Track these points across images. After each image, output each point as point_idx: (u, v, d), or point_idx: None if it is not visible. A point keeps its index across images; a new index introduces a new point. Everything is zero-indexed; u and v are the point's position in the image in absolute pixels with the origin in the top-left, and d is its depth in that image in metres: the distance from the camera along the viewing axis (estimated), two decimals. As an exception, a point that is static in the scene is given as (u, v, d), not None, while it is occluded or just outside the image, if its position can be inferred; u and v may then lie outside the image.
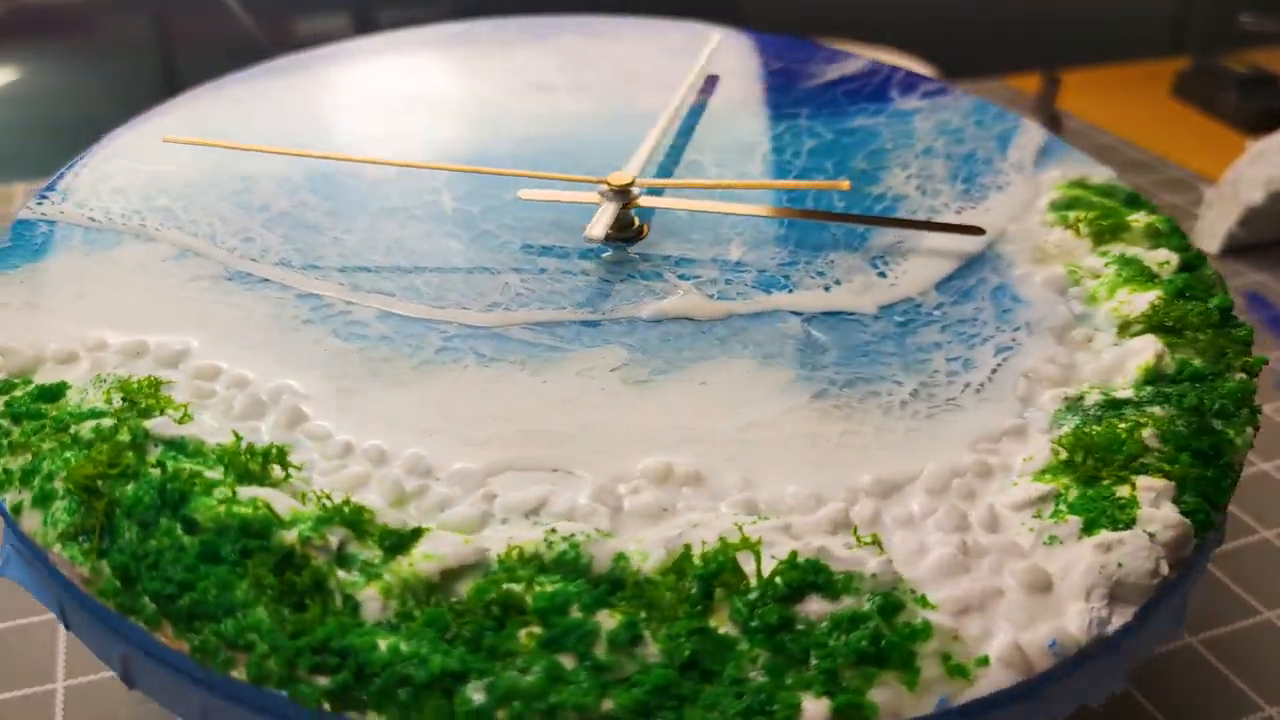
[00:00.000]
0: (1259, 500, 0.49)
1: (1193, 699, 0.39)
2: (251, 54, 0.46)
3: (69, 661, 0.40)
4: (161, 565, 0.27)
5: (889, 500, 0.31)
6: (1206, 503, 0.31)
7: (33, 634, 0.42)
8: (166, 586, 0.27)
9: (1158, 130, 0.65)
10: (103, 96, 0.36)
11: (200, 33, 0.80)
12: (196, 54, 0.78)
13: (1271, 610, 0.44)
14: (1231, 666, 0.41)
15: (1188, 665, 0.41)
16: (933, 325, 0.37)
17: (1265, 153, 0.64)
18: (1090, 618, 0.28)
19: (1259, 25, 0.92)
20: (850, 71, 0.52)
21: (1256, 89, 0.82)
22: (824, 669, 0.26)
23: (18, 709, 0.39)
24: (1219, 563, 0.45)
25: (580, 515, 0.30)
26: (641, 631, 0.26)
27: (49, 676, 0.40)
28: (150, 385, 0.32)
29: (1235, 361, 0.35)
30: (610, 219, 0.39)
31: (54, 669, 0.40)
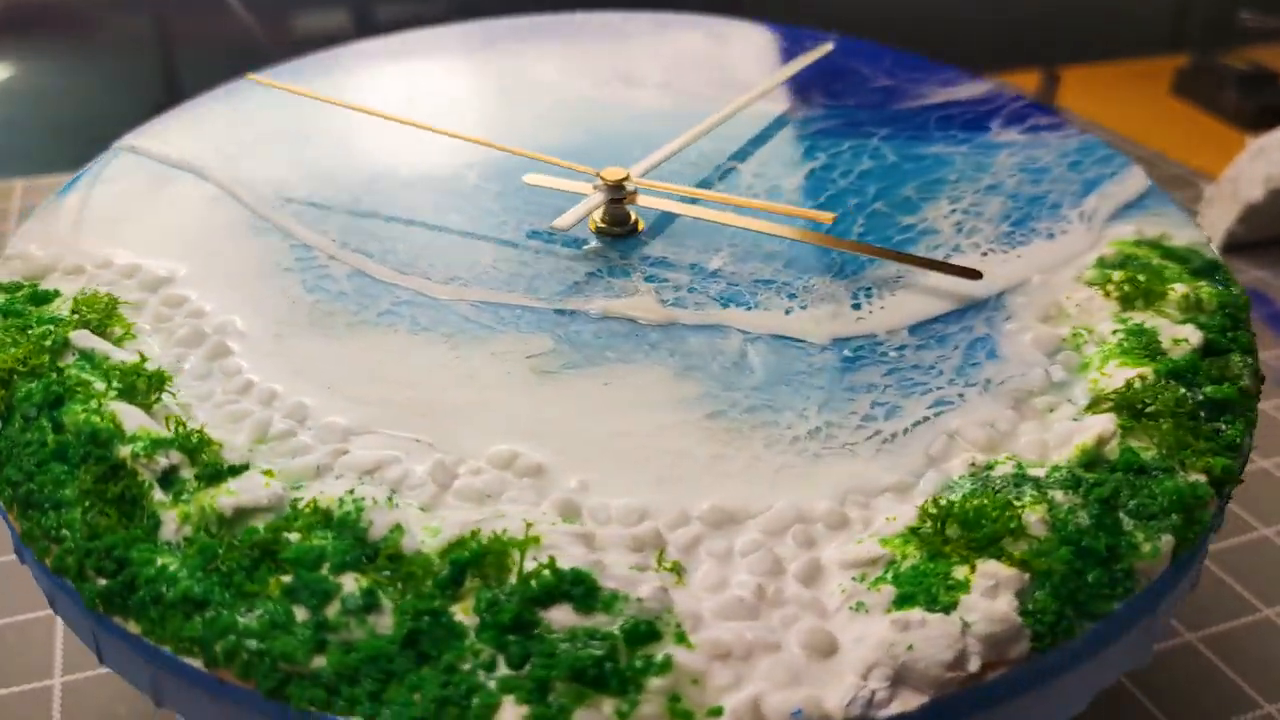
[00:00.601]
0: (1258, 497, 0.49)
1: (1191, 695, 0.40)
2: (251, 52, 0.49)
3: (66, 657, 0.41)
4: (23, 456, 0.30)
5: (718, 531, 0.30)
6: (1070, 608, 0.27)
7: (30, 630, 0.42)
8: (17, 474, 0.30)
9: (1157, 127, 0.61)
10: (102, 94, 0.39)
11: (200, 30, 0.81)
12: (196, 51, 0.79)
13: (1270, 607, 0.44)
14: (1230, 663, 0.41)
15: (1186, 662, 0.41)
16: (880, 366, 0.35)
17: (1265, 150, 0.63)
18: (856, 695, 0.26)
19: (1259, 22, 0.90)
20: (962, 96, 0.49)
21: (1256, 86, 0.81)
22: (537, 677, 0.26)
23: (15, 705, 0.39)
24: (1218, 559, 0.45)
25: (408, 485, 0.30)
26: (380, 601, 0.27)
27: (47, 672, 0.40)
28: (109, 303, 0.36)
29: (1195, 461, 0.31)
30: (586, 212, 0.39)
31: (52, 665, 0.40)
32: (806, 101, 0.49)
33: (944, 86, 0.50)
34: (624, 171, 0.40)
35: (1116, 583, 0.28)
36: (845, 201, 0.42)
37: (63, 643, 0.41)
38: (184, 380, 0.34)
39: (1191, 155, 0.65)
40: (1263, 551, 0.46)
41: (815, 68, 0.51)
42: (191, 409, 0.33)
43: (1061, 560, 0.28)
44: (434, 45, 0.55)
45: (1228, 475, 0.31)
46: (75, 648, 0.41)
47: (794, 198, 0.42)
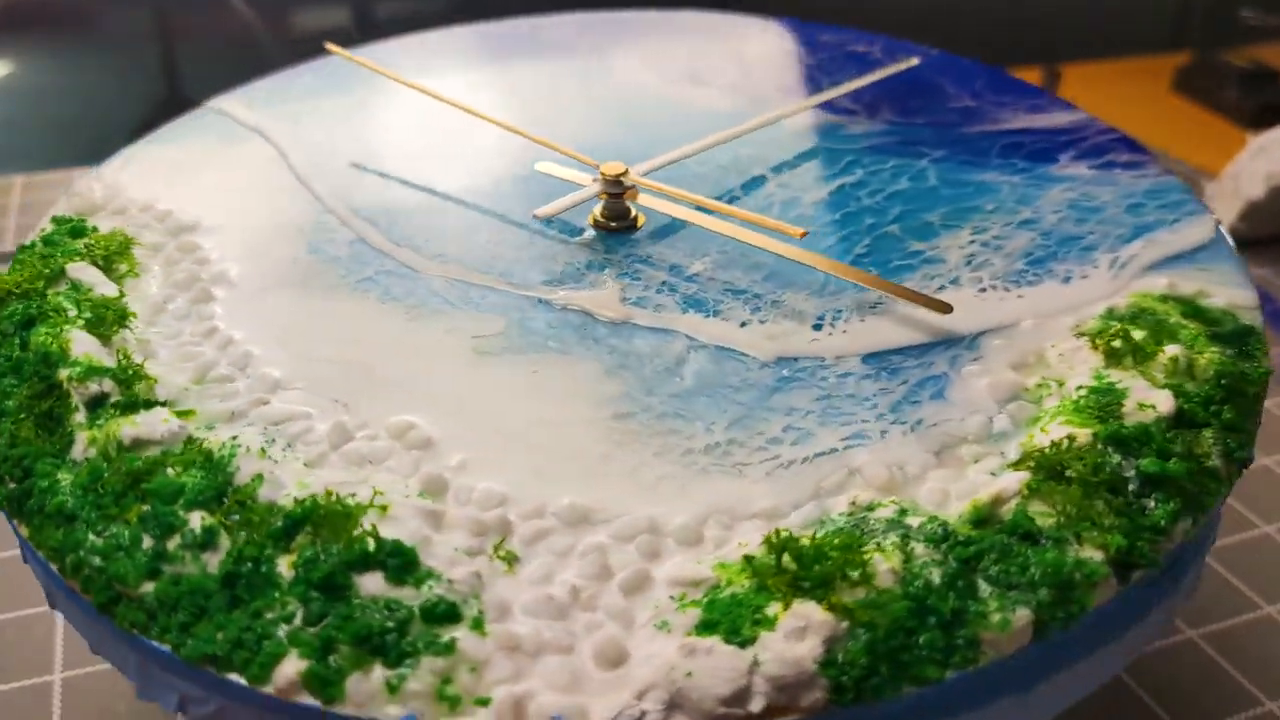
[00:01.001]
0: (1259, 495, 0.49)
1: (1192, 693, 0.40)
2: (252, 47, 0.50)
3: (67, 654, 0.41)
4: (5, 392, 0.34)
5: (569, 529, 0.29)
6: (886, 666, 0.26)
7: (31, 626, 0.42)
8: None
9: (1158, 125, 0.57)
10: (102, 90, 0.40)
11: (200, 26, 0.80)
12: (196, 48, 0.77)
13: (1272, 605, 0.43)
14: (1231, 660, 0.41)
15: (1187, 659, 0.41)
16: (813, 391, 0.33)
17: (1266, 148, 0.64)
18: (622, 712, 0.25)
19: (1260, 20, 0.89)
20: (1042, 124, 0.46)
21: (1257, 84, 0.81)
22: (325, 636, 0.26)
23: (16, 700, 0.39)
24: (1219, 556, 0.45)
25: (305, 441, 0.32)
26: (217, 540, 0.28)
27: (47, 668, 0.40)
28: (124, 242, 0.39)
29: (1093, 536, 0.28)
30: (573, 203, 0.40)
31: (52, 661, 0.40)
32: (872, 115, 0.47)
33: (1030, 112, 0.46)
34: (622, 167, 0.40)
35: (954, 650, 0.26)
36: (861, 221, 0.40)
37: (63, 639, 0.41)
38: (164, 319, 0.37)
39: (1192, 153, 0.65)
40: (1264, 549, 0.46)
41: (897, 81, 0.49)
42: (152, 345, 0.35)
43: (891, 615, 0.26)
44: (512, 35, 0.56)
45: (1134, 558, 0.28)
46: (76, 644, 0.40)
47: (808, 211, 0.41)
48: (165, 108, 0.48)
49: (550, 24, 0.57)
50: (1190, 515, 0.29)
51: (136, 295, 0.37)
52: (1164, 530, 0.28)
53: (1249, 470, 0.41)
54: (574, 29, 0.56)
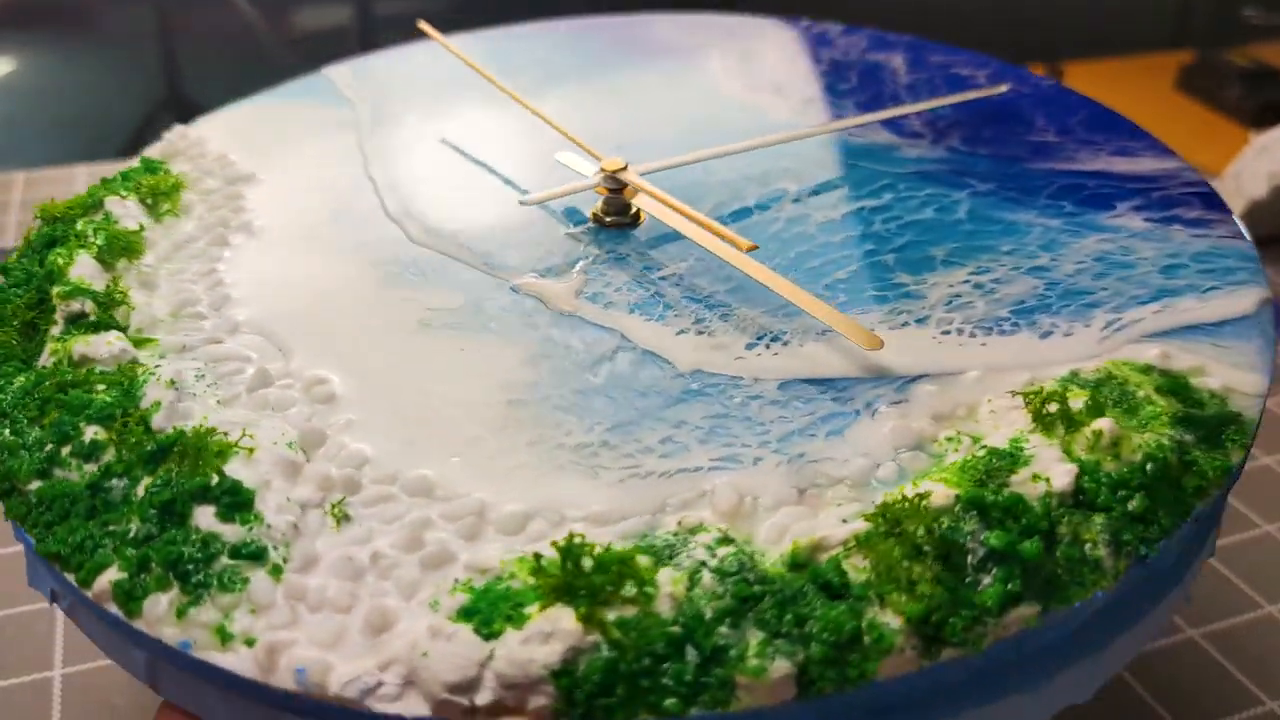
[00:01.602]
0: (1261, 494, 0.48)
1: (1194, 692, 0.40)
2: (253, 45, 0.51)
3: (67, 650, 0.41)
4: (11, 276, 0.38)
5: (409, 499, 0.30)
6: (624, 688, 0.25)
7: (31, 622, 0.42)
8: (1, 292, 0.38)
9: (1161, 123, 0.49)
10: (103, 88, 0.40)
11: (201, 24, 0.77)
12: (197, 45, 0.74)
13: (1273, 604, 0.43)
14: (1233, 660, 0.41)
15: (1189, 658, 0.41)
16: (712, 408, 0.33)
17: (1269, 147, 0.64)
18: (359, 678, 0.26)
19: (1263, 19, 0.89)
20: (1120, 169, 0.42)
21: (1260, 83, 0.81)
22: (143, 555, 0.29)
23: (16, 697, 0.39)
24: (1221, 556, 0.45)
25: (231, 381, 0.34)
26: (100, 454, 0.31)
27: (47, 664, 0.40)
28: (175, 184, 0.43)
29: (898, 600, 0.26)
30: (562, 193, 0.40)
31: (52, 657, 0.40)
32: (938, 140, 0.44)
33: (1114, 155, 0.43)
34: (621, 163, 0.40)
35: (702, 687, 0.25)
36: (858, 246, 0.39)
37: (63, 635, 0.41)
38: (179, 256, 0.40)
39: (1195, 151, 0.58)
40: (1265, 548, 0.46)
41: (984, 108, 0.46)
42: (156, 277, 0.39)
43: (647, 639, 0.25)
44: (603, 31, 0.56)
45: (945, 633, 0.26)
46: (76, 640, 0.41)
47: (809, 230, 0.39)
48: (165, 106, 0.51)
49: (645, 21, 0.57)
50: (1040, 602, 0.26)
51: (168, 232, 0.41)
52: (990, 611, 0.26)
53: (1250, 469, 0.45)
54: (673, 29, 0.56)
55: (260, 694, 0.27)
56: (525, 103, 0.45)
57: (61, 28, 0.78)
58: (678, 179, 0.41)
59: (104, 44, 0.70)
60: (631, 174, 0.40)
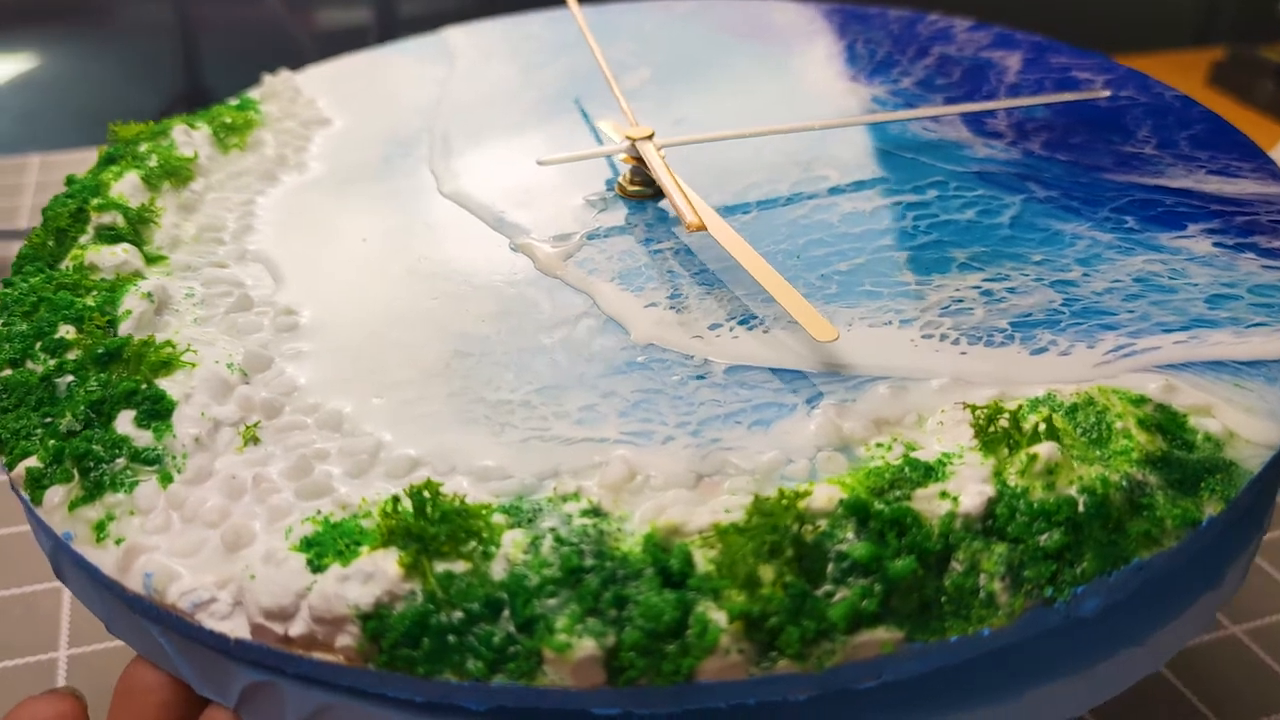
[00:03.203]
0: None
1: (1234, 688, 0.39)
2: (272, 40, 0.50)
3: (73, 630, 0.40)
4: (70, 184, 0.41)
5: (318, 430, 0.30)
6: (418, 631, 0.24)
7: (37, 602, 0.41)
8: (58, 199, 0.40)
9: None
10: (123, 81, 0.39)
11: (221, 17, 0.71)
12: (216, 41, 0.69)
13: None
14: (1275, 656, 0.40)
15: (1231, 655, 0.40)
16: (649, 382, 0.31)
17: None
18: (195, 592, 0.26)
19: None
20: (1208, 190, 0.37)
21: None
22: (58, 448, 0.30)
23: (21, 676, 0.39)
24: (1264, 553, 0.44)
25: (218, 307, 0.36)
26: (64, 351, 0.33)
27: (52, 645, 0.40)
28: (247, 122, 0.45)
29: (729, 600, 0.24)
30: (578, 157, 0.39)
31: (58, 637, 0.40)
32: (1018, 141, 0.41)
33: (1212, 174, 0.38)
34: (647, 131, 0.39)
35: (508, 656, 0.24)
36: (874, 240, 0.36)
37: (69, 615, 0.41)
38: (229, 186, 0.42)
39: None
40: None
41: (1088, 112, 0.42)
42: (200, 203, 0.40)
43: (463, 596, 0.24)
44: (713, 12, 0.55)
45: (781, 642, 0.23)
46: (82, 620, 0.41)
47: (831, 219, 0.37)
48: (183, 100, 0.52)
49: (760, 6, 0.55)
50: (902, 628, 0.24)
51: (229, 164, 0.43)
52: (838, 627, 0.23)
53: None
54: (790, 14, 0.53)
55: (117, 593, 0.27)
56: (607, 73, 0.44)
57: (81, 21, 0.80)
58: (719, 158, 0.40)
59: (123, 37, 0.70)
60: (649, 145, 0.38)
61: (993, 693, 0.26)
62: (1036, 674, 0.26)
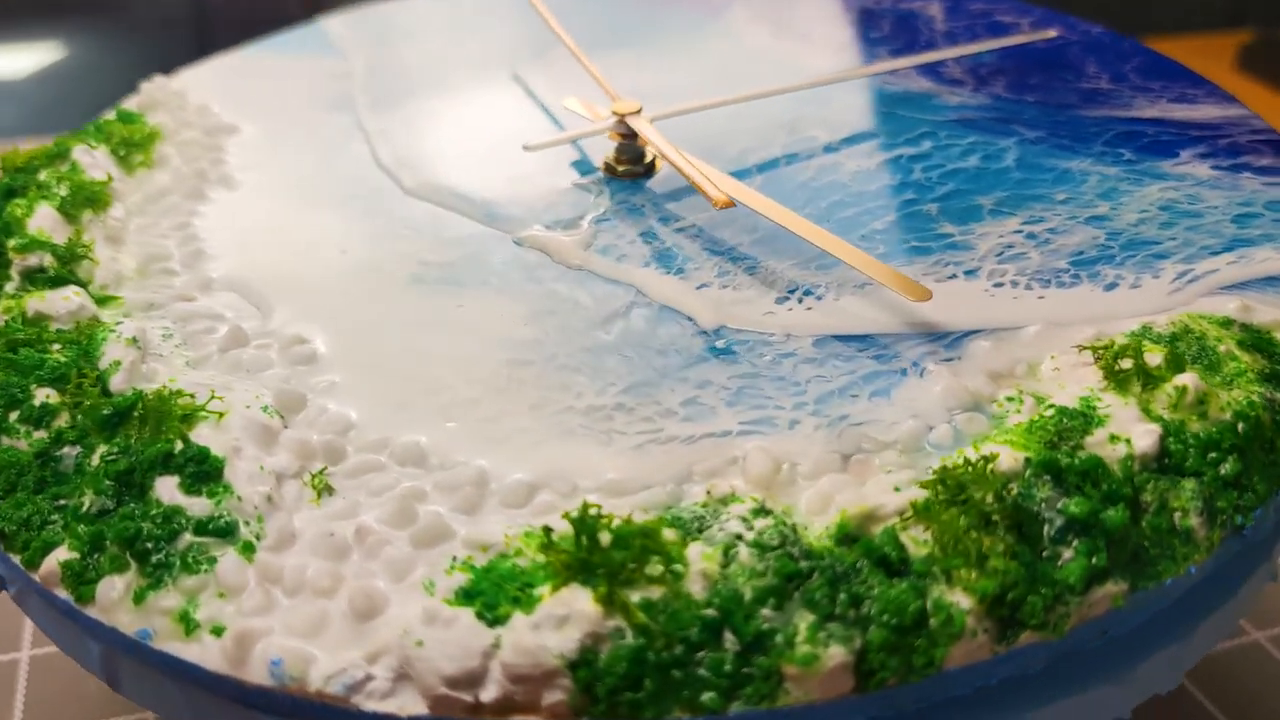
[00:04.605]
0: None
1: (1257, 697, 0.36)
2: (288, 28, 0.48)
3: (35, 631, 0.38)
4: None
5: (399, 468, 0.27)
6: (653, 680, 0.22)
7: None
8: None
9: None
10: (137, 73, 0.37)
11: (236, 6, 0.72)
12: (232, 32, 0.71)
13: None
14: None
15: (1252, 662, 0.37)
16: (738, 367, 0.29)
17: None
18: (345, 672, 0.22)
19: None
20: (1180, 116, 0.38)
21: None
22: (96, 532, 0.25)
23: None
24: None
25: (202, 341, 0.31)
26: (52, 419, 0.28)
27: (14, 645, 0.38)
28: (150, 134, 0.39)
29: (966, 576, 0.22)
30: (566, 139, 0.37)
31: (20, 638, 0.38)
32: (980, 87, 0.41)
33: (1174, 102, 0.39)
34: (635, 105, 0.36)
35: (745, 680, 0.21)
36: (898, 194, 0.35)
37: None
38: (153, 209, 0.37)
39: None
40: None
41: (1030, 55, 0.42)
42: (125, 231, 0.35)
43: (677, 623, 0.22)
44: None
45: (1023, 614, 0.22)
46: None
47: (843, 178, 0.36)
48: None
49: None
50: (1126, 579, 0.23)
51: (140, 185, 0.37)
52: (1074, 589, 0.22)
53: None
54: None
55: (230, 690, 0.23)
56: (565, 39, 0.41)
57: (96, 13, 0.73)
58: (702, 127, 0.38)
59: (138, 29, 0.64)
60: (644, 119, 0.36)
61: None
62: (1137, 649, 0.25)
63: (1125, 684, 0.25)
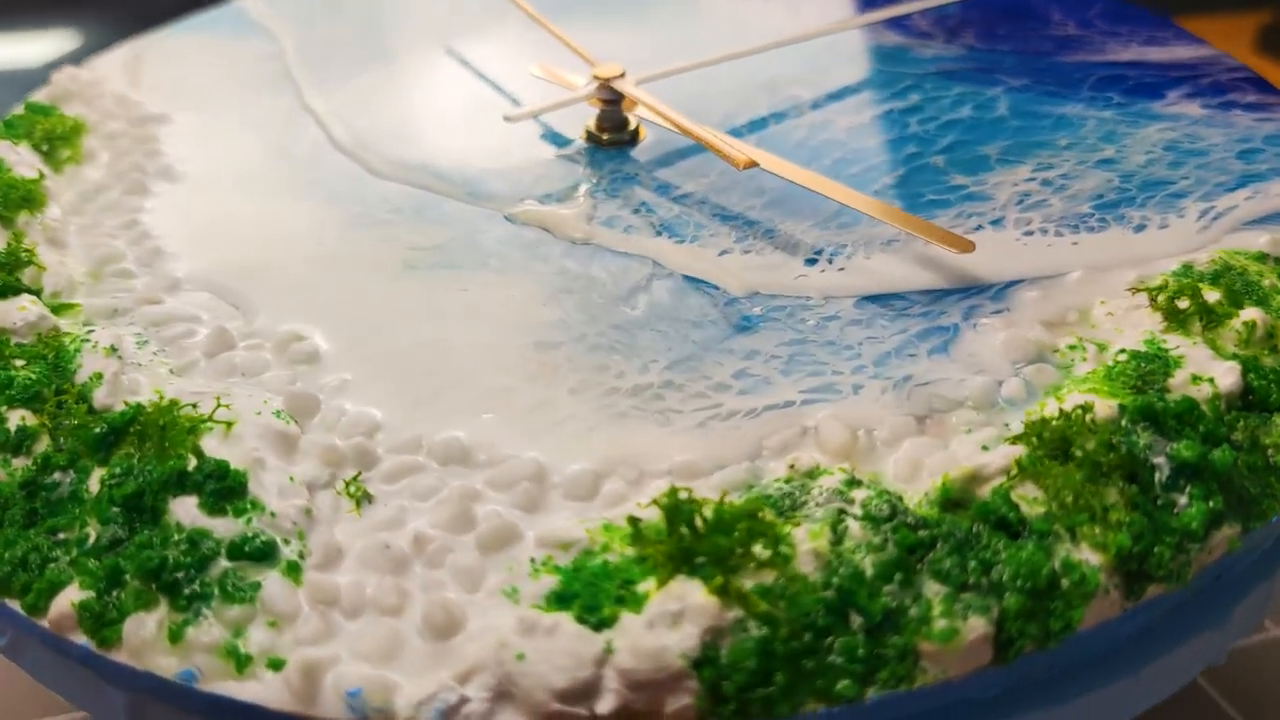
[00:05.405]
0: None
1: (1276, 695, 0.34)
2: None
3: None
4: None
5: (441, 468, 0.24)
6: (784, 674, 0.20)
7: None
8: None
9: None
10: None
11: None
12: None
13: None
14: None
15: (1274, 659, 0.35)
16: (784, 334, 0.27)
17: None
18: (436, 696, 0.20)
19: None
20: (1156, 58, 0.38)
21: None
22: (112, 565, 0.22)
23: None
24: None
25: (177, 345, 0.28)
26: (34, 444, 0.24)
27: None
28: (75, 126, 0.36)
29: (1093, 533, 0.21)
30: (547, 108, 0.34)
31: None
32: (951, 39, 0.40)
33: (1145, 44, 0.39)
34: (618, 69, 0.34)
35: (880, 662, 0.20)
36: (899, 149, 0.34)
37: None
38: (90, 208, 0.33)
39: None
40: None
41: (993, 5, 0.42)
42: (64, 232, 0.32)
43: (801, 608, 0.20)
44: None
45: (1149, 567, 0.21)
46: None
47: (839, 136, 0.35)
48: None
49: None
50: (1239, 521, 0.22)
51: (71, 182, 0.34)
52: (1195, 535, 0.21)
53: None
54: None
55: (296, 729, 0.20)
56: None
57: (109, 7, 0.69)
58: (675, 92, 0.36)
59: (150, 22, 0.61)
60: (629, 82, 0.34)
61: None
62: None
63: (1224, 628, 0.24)
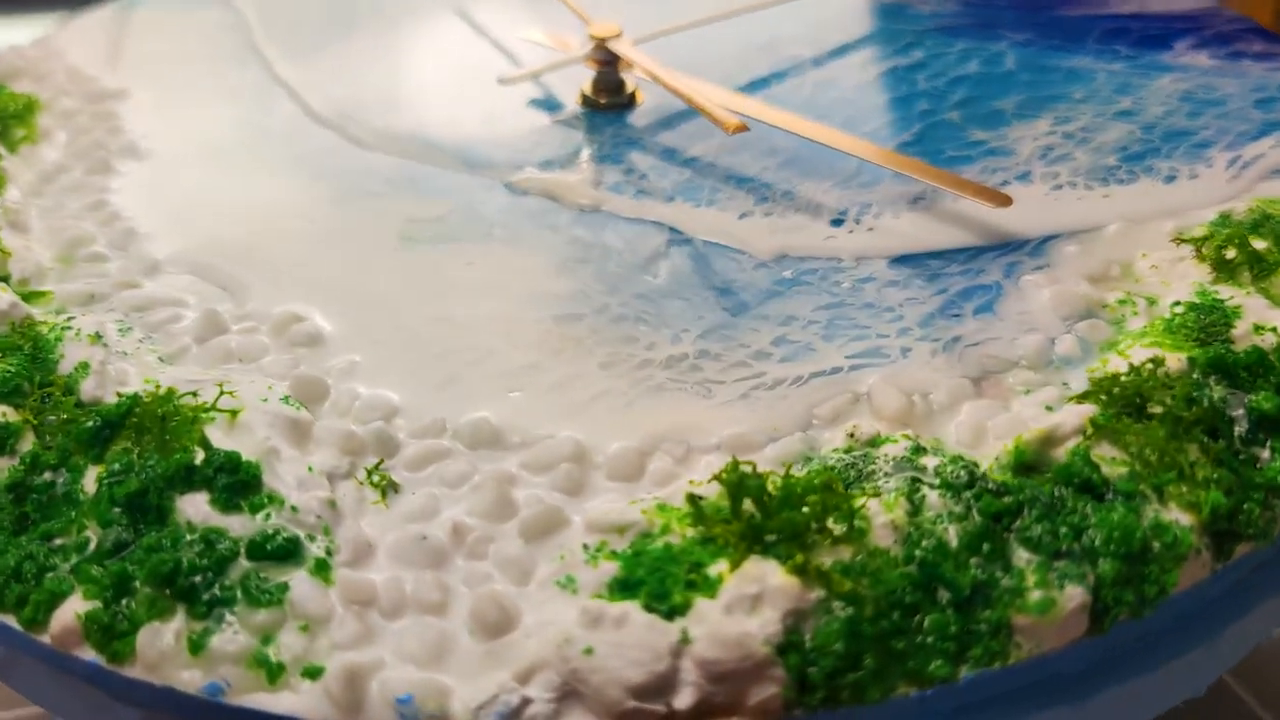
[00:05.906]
0: None
1: None
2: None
3: None
4: None
5: (471, 452, 0.23)
6: (873, 658, 0.18)
7: None
8: None
9: None
10: None
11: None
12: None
13: None
14: None
15: None
16: (820, 297, 0.26)
17: None
18: (497, 698, 0.18)
19: None
20: (1158, 9, 0.37)
21: None
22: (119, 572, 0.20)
23: None
24: None
25: (170, 331, 0.26)
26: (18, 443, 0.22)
27: None
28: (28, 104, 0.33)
29: (1180, 491, 0.20)
30: (543, 69, 0.33)
31: None
32: (944, -4, 0.38)
33: (1142, -4, 0.38)
34: (615, 28, 0.32)
35: (973, 639, 0.18)
36: (912, 106, 0.32)
37: None
38: (51, 190, 0.31)
39: None
40: None
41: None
42: (26, 216, 0.29)
43: (886, 585, 0.18)
44: None
45: (1238, 524, 0.20)
46: None
47: (847, 94, 0.33)
48: None
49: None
50: (1324, 474, 0.21)
51: (28, 163, 0.31)
52: (1272, 485, 0.20)
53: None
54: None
55: (339, 742, 0.18)
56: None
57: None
58: (674, 53, 0.34)
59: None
60: (626, 42, 0.32)
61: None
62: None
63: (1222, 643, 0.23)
